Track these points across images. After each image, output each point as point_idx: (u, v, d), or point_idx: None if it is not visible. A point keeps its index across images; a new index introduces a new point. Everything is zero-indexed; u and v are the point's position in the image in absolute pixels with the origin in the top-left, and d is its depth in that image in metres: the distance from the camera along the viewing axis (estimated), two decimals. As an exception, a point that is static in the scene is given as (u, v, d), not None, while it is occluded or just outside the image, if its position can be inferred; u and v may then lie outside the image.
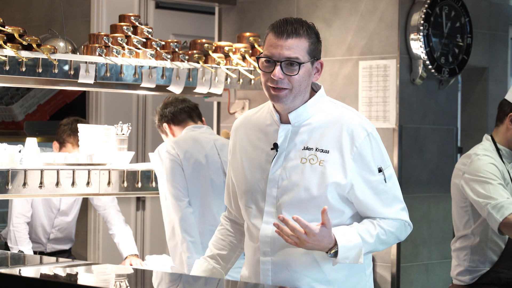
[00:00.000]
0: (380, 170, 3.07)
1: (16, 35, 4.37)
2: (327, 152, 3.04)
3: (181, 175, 4.66)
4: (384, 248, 3.15)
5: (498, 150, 4.47)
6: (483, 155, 4.42)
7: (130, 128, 5.02)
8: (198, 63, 5.04)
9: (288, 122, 3.10)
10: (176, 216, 4.64)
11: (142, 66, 4.82)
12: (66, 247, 5.95)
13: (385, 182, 3.08)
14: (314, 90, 3.14)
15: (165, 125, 4.91)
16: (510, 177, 4.42)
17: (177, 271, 4.66)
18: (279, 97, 3.04)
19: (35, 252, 5.70)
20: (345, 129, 3.05)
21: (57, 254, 5.86)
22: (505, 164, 4.45)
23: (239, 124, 3.25)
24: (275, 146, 3.08)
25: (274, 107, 3.12)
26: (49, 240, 5.83)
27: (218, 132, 6.15)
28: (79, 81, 4.63)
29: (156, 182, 4.87)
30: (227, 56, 5.21)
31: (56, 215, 5.81)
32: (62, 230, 5.86)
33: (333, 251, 2.99)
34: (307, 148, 3.06)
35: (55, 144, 5.58)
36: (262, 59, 3.05)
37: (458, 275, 4.52)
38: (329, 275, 3.08)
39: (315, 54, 3.06)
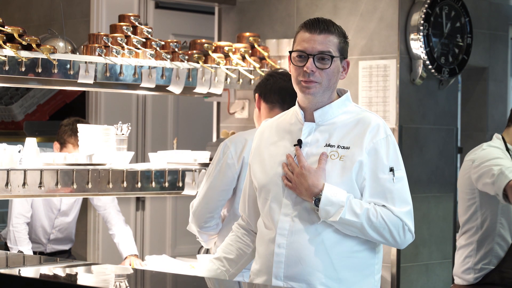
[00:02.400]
0: (391, 170, 3.14)
1: (16, 35, 4.37)
2: (347, 148, 3.14)
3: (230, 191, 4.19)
4: (374, 235, 3.12)
5: (508, 150, 4.48)
6: (493, 147, 4.45)
7: (130, 128, 5.02)
8: (198, 63, 5.03)
9: (312, 121, 3.20)
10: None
11: (141, 66, 4.82)
12: (66, 247, 5.95)
13: (393, 182, 3.13)
14: (338, 95, 3.24)
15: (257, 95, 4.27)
16: None
17: None
18: (309, 90, 3.14)
19: (35, 253, 5.69)
20: (370, 128, 3.15)
21: (57, 254, 5.85)
22: None
23: (264, 128, 3.35)
24: (299, 142, 3.18)
25: (299, 106, 3.22)
26: (49, 240, 5.83)
27: (218, 133, 6.14)
28: (79, 81, 4.63)
29: (156, 182, 4.86)
30: (227, 56, 5.21)
31: (57, 215, 5.81)
32: (63, 231, 5.86)
33: (317, 197, 3.06)
34: (329, 145, 3.16)
35: (56, 145, 5.58)
36: (294, 54, 3.16)
37: (462, 273, 4.52)
38: (340, 273, 3.13)
39: (343, 52, 3.18)
